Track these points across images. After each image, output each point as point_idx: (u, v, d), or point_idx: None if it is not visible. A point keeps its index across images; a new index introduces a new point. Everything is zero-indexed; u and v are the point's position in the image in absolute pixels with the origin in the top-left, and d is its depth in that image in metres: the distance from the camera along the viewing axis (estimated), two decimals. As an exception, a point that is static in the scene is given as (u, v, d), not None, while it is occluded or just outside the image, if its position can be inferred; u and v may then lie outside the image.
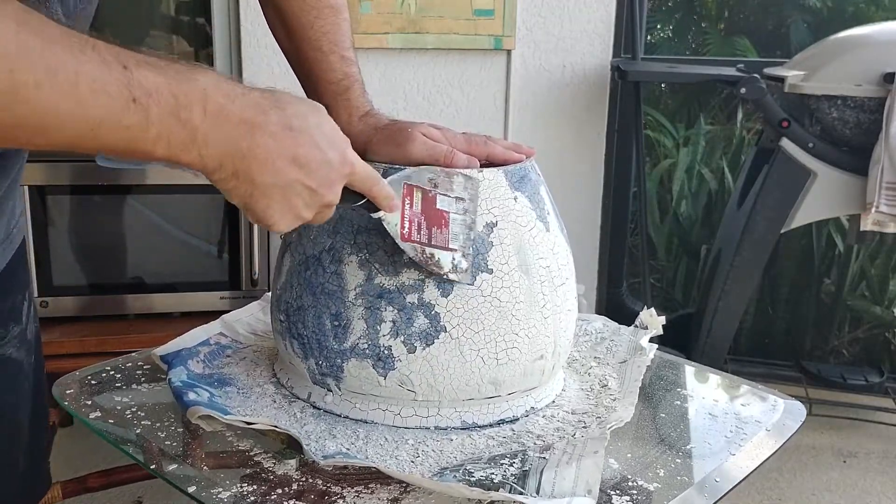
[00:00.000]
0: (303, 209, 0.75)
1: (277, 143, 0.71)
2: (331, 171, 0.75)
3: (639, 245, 2.90)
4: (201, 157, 0.68)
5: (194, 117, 0.65)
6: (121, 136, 0.63)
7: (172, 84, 0.64)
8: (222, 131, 0.68)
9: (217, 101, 0.67)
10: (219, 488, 0.78)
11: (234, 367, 1.03)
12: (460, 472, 0.80)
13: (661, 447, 0.92)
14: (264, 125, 0.70)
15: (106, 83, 0.60)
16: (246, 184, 0.71)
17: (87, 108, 0.60)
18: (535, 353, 0.91)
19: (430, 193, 0.86)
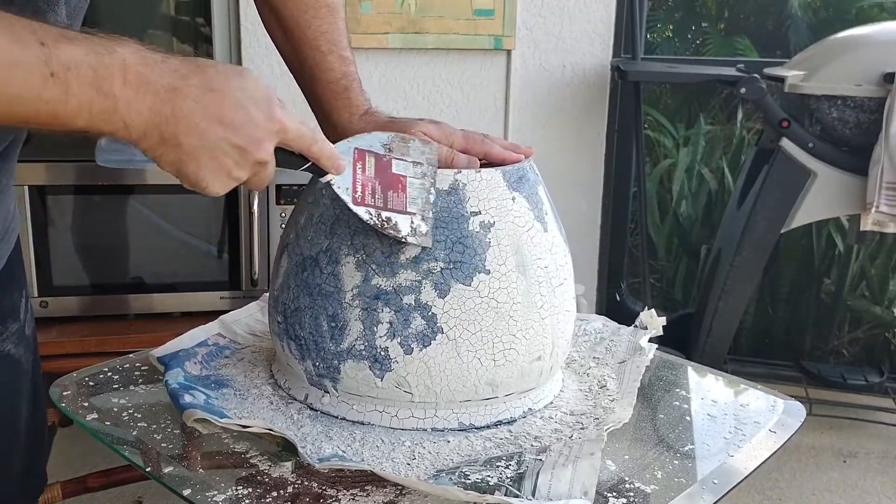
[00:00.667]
0: (234, 168, 0.76)
1: (200, 105, 0.71)
2: (256, 129, 0.75)
3: (639, 245, 2.90)
4: (126, 125, 0.69)
5: (115, 87, 0.67)
6: (40, 108, 0.65)
7: (91, 57, 0.66)
8: (144, 99, 0.69)
9: (136, 70, 0.68)
10: (214, 491, 0.78)
11: (231, 368, 1.03)
12: (456, 475, 0.80)
13: (659, 448, 0.91)
14: (185, 89, 0.71)
15: (22, 60, 0.62)
16: (173, 148, 0.72)
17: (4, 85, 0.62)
18: (533, 355, 0.91)
19: (385, 158, 0.85)
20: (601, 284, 2.92)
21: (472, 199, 0.88)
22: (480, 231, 0.87)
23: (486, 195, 0.89)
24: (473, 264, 0.87)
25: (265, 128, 0.76)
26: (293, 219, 0.96)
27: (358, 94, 1.03)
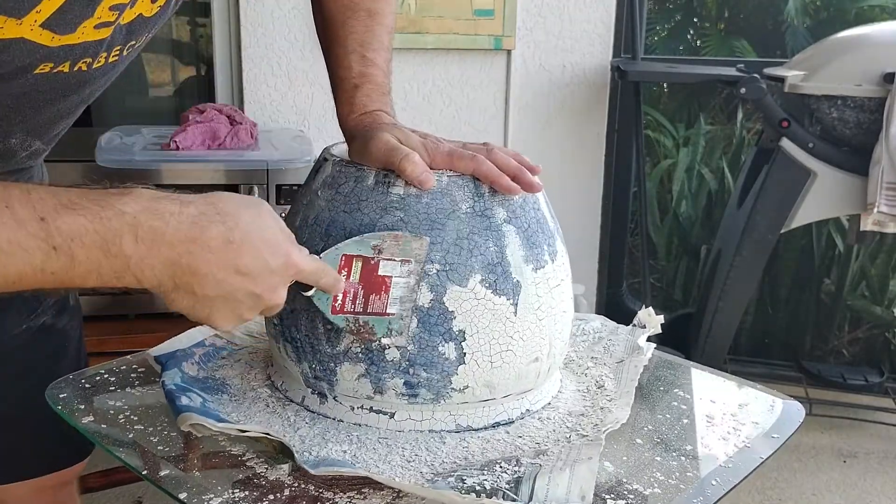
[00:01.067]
0: (246, 312, 0.77)
1: (218, 256, 0.71)
2: (272, 276, 0.76)
3: (639, 245, 2.90)
4: (138, 280, 0.69)
5: (125, 247, 0.67)
6: (46, 279, 0.65)
7: (95, 223, 0.66)
8: (159, 254, 0.69)
9: (149, 226, 0.68)
10: (210, 494, 0.78)
11: (228, 370, 1.03)
12: (453, 479, 0.80)
13: (658, 449, 0.91)
14: (204, 241, 0.71)
15: (21, 241, 0.63)
16: (188, 295, 0.72)
17: (5, 266, 0.63)
18: (530, 356, 0.90)
19: (373, 261, 0.85)
20: (601, 284, 2.92)
21: (469, 201, 0.88)
22: (476, 233, 0.87)
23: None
24: (469, 266, 0.86)
25: (282, 275, 0.77)
26: (288, 220, 0.96)
27: (366, 94, 1.01)
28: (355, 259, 0.84)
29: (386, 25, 1.06)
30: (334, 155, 0.95)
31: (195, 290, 0.72)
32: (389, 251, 0.85)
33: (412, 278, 0.85)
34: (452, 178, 0.89)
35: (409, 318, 0.86)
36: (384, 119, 0.98)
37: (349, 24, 1.03)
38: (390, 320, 0.85)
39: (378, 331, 0.85)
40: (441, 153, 0.90)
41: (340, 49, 1.03)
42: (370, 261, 0.84)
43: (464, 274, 0.86)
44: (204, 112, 2.20)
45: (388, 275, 0.85)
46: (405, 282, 0.85)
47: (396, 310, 0.85)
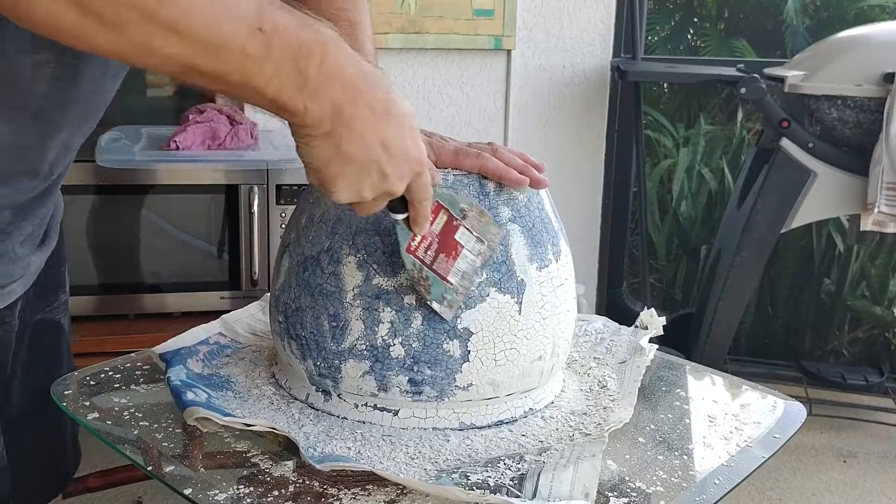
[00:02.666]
0: (367, 190, 0.75)
1: (375, 118, 0.71)
2: (406, 164, 0.75)
3: (639, 245, 2.90)
4: (306, 107, 0.68)
5: (311, 67, 0.66)
6: (239, 63, 0.64)
7: (298, 28, 0.65)
8: (332, 89, 0.68)
9: (335, 57, 0.68)
10: (215, 490, 0.78)
11: (232, 367, 1.03)
12: (457, 475, 0.80)
13: (660, 448, 0.91)
14: (371, 97, 0.70)
15: (239, 4, 0.62)
16: (332, 147, 0.71)
17: (220, 22, 0.61)
18: (534, 354, 0.91)
19: (455, 222, 0.85)
20: (601, 284, 2.92)
21: (475, 200, 0.88)
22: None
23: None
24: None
25: (412, 164, 0.76)
26: (294, 219, 0.96)
27: None
28: (443, 210, 0.85)
29: (368, 34, 1.06)
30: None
31: (342, 143, 0.71)
32: (471, 222, 0.85)
33: (479, 259, 0.86)
34: (458, 177, 0.89)
35: (461, 296, 0.86)
36: None
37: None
38: (447, 288, 0.85)
39: (434, 291, 0.85)
40: (447, 151, 0.91)
41: None
42: (454, 220, 0.85)
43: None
44: (204, 112, 2.20)
45: (462, 243, 0.85)
46: (472, 259, 0.86)
47: (455, 281, 0.85)
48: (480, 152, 0.90)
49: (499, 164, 0.89)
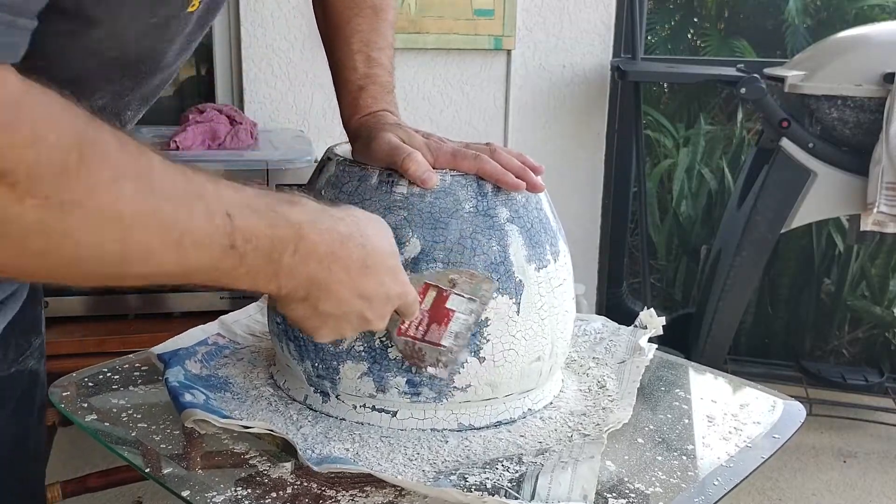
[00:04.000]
0: (349, 332, 0.78)
1: (351, 278, 0.72)
2: (386, 304, 0.77)
3: (639, 245, 2.90)
4: (279, 287, 0.69)
5: (284, 257, 0.67)
6: (211, 276, 0.64)
7: (269, 229, 0.65)
8: (307, 267, 0.69)
9: (310, 239, 0.68)
10: (213, 492, 0.78)
11: (231, 368, 1.03)
12: (455, 477, 0.80)
13: (659, 448, 0.91)
14: (345, 260, 0.71)
15: (209, 235, 0.61)
16: (309, 309, 0.72)
17: (188, 259, 0.61)
18: (532, 355, 0.91)
19: (445, 293, 0.85)
20: (601, 284, 2.92)
21: (472, 200, 0.88)
22: (479, 232, 0.87)
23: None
24: (472, 265, 0.86)
25: (393, 301, 0.78)
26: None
27: (370, 96, 1.00)
28: (431, 288, 0.85)
29: (389, 21, 1.05)
30: (338, 154, 0.95)
31: (318, 305, 0.72)
32: (461, 287, 0.85)
33: (472, 317, 0.86)
34: (456, 178, 0.89)
35: (458, 355, 0.86)
36: (388, 119, 0.98)
37: (354, 23, 1.01)
38: (440, 351, 0.86)
39: (428, 358, 0.86)
40: (444, 152, 0.91)
41: (345, 48, 1.02)
42: (443, 292, 0.85)
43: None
44: (204, 112, 2.20)
45: (454, 309, 0.85)
46: (465, 319, 0.86)
47: (449, 343, 0.86)
48: (478, 154, 0.90)
49: (496, 166, 0.89)
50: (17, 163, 0.49)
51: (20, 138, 0.48)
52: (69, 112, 0.52)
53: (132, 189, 0.55)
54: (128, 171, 0.55)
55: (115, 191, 0.54)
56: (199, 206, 0.60)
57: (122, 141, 0.56)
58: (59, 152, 0.50)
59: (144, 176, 0.57)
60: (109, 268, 0.58)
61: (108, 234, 0.55)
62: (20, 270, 0.56)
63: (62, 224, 0.52)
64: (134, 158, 0.56)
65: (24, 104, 0.49)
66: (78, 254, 0.55)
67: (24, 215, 0.50)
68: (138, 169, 0.56)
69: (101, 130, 0.54)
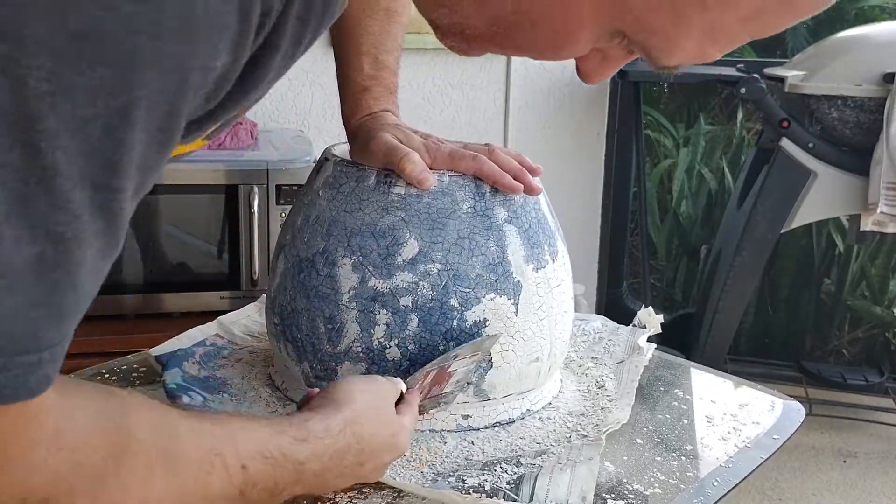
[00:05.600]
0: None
1: (346, 480, 0.74)
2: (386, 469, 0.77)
3: (639, 245, 2.90)
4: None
5: (285, 492, 0.67)
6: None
7: (277, 471, 0.66)
8: (304, 489, 0.70)
9: (310, 472, 0.68)
10: (212, 492, 0.78)
11: (229, 369, 1.03)
12: (454, 479, 0.80)
13: (658, 449, 0.91)
14: (339, 470, 0.71)
15: (224, 490, 0.61)
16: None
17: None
18: (531, 356, 0.91)
19: (449, 368, 0.85)
20: (601, 284, 2.92)
21: (470, 201, 0.88)
22: (477, 233, 0.87)
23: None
24: (470, 266, 0.86)
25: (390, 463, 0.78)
26: (290, 220, 0.96)
27: (373, 97, 1.00)
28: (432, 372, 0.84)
29: (402, 24, 1.04)
30: (335, 155, 0.95)
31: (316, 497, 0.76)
32: (463, 356, 0.85)
33: (473, 364, 0.86)
34: (453, 178, 0.89)
35: (458, 392, 0.87)
36: (388, 119, 0.98)
37: (365, 24, 1.01)
38: (444, 397, 0.86)
39: (430, 409, 0.86)
40: (442, 153, 0.90)
41: (353, 48, 1.01)
42: (446, 368, 0.84)
43: (465, 274, 0.86)
44: (204, 112, 2.19)
45: (454, 370, 0.85)
46: (465, 369, 0.86)
47: (451, 389, 0.86)
48: (477, 154, 0.90)
49: (494, 167, 0.89)
50: (58, 489, 0.49)
51: (62, 469, 0.49)
52: (102, 417, 0.53)
53: (161, 475, 0.56)
54: (156, 455, 0.56)
55: (147, 483, 0.55)
56: (218, 464, 0.61)
57: (148, 418, 0.56)
58: (96, 469, 0.51)
59: (171, 452, 0.57)
60: None
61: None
62: None
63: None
64: (160, 434, 0.57)
65: (60, 435, 0.49)
66: None
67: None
68: (165, 446, 0.57)
69: (130, 418, 0.55)
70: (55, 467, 0.49)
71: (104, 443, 0.52)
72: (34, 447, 0.47)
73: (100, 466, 0.52)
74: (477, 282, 0.87)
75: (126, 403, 0.55)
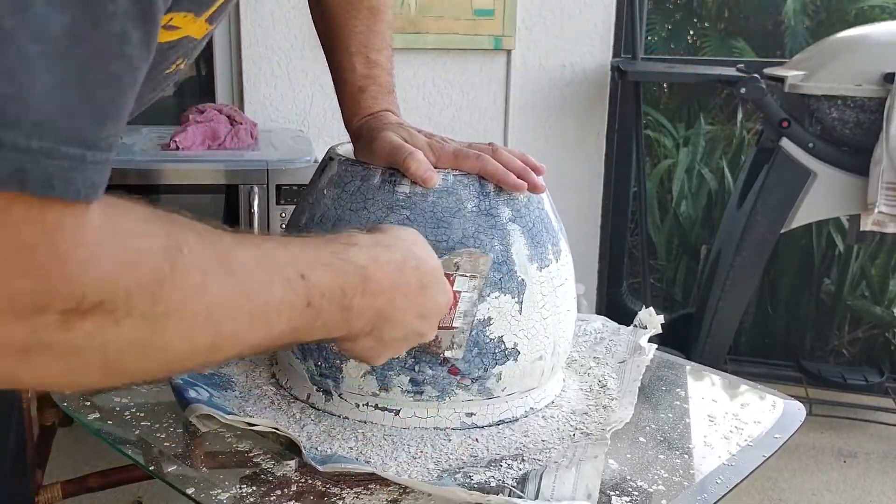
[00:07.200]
0: (404, 349, 0.78)
1: (411, 302, 0.72)
2: (438, 315, 0.78)
3: (639, 245, 2.90)
4: (349, 329, 0.68)
5: (354, 301, 0.66)
6: (290, 338, 0.63)
7: (340, 278, 0.65)
8: (373, 304, 0.69)
9: (375, 278, 0.68)
10: (218, 489, 0.78)
11: (234, 367, 1.03)
12: (459, 475, 0.80)
13: (661, 447, 0.91)
14: (405, 287, 0.71)
15: (290, 303, 0.61)
16: (373, 341, 0.72)
17: (273, 329, 0.61)
18: (534, 354, 0.91)
19: (451, 277, 0.85)
20: (601, 284, 2.93)
21: (475, 200, 0.88)
22: (482, 231, 0.88)
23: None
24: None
25: (443, 310, 0.78)
26: (294, 219, 0.96)
27: (371, 97, 1.01)
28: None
29: (387, 21, 1.05)
30: (340, 154, 0.95)
31: (383, 335, 0.72)
32: (464, 267, 0.85)
33: (475, 294, 0.86)
34: (458, 177, 0.89)
35: (467, 332, 0.86)
36: (390, 119, 0.98)
37: (351, 25, 1.02)
38: (454, 333, 0.86)
39: (444, 344, 0.86)
40: (446, 152, 0.91)
41: (344, 51, 1.02)
42: (449, 277, 0.84)
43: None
44: (204, 112, 2.20)
45: (459, 290, 0.85)
46: (469, 296, 0.86)
47: (460, 324, 0.86)
48: (480, 154, 0.90)
49: (497, 166, 0.89)
50: (114, 291, 0.48)
51: (113, 269, 0.48)
52: (152, 224, 0.52)
53: (218, 282, 0.55)
54: (211, 264, 0.55)
55: (205, 289, 0.54)
56: (276, 275, 0.60)
57: (199, 232, 0.55)
58: (151, 270, 0.50)
59: (226, 263, 0.56)
60: (197, 361, 0.57)
61: (200, 334, 0.55)
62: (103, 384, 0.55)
63: (159, 338, 0.52)
64: (213, 247, 0.56)
65: (108, 236, 0.48)
66: (168, 359, 0.54)
67: (122, 336, 0.50)
68: (219, 257, 0.56)
69: (180, 230, 0.54)
70: (107, 268, 0.48)
71: (157, 243, 0.51)
72: (83, 245, 0.46)
73: (154, 269, 0.50)
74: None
75: (173, 216, 0.54)
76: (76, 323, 0.47)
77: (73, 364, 0.49)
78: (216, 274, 0.55)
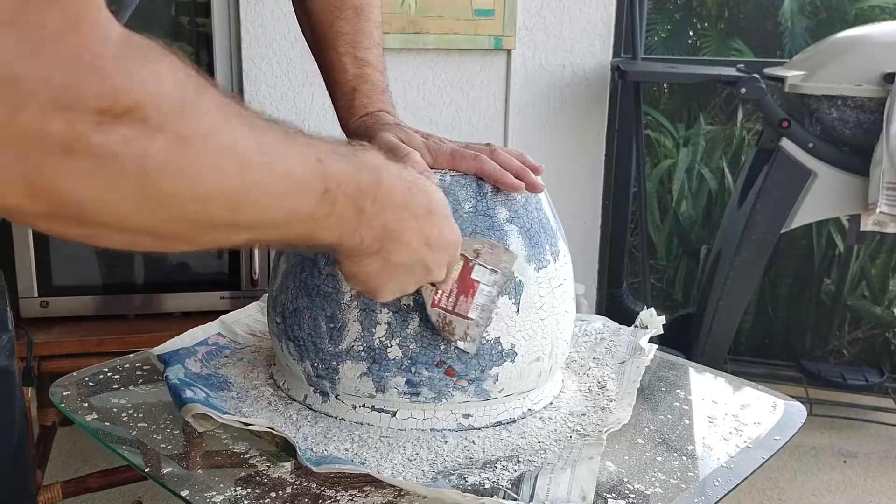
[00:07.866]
0: (411, 285, 0.77)
1: (419, 225, 0.72)
2: (445, 252, 0.77)
3: (639, 245, 2.90)
4: (361, 239, 0.68)
5: (367, 204, 0.66)
6: (304, 227, 0.63)
7: (355, 173, 0.64)
8: (383, 216, 0.68)
9: (387, 185, 0.67)
10: (213, 491, 0.78)
11: (231, 368, 1.03)
12: (454, 477, 0.80)
13: (659, 448, 0.91)
14: (414, 207, 0.71)
15: (308, 178, 0.60)
16: (380, 262, 0.71)
17: (293, 203, 0.60)
18: (532, 355, 0.91)
19: (470, 263, 0.85)
20: (601, 284, 2.92)
21: (472, 201, 0.88)
22: (479, 232, 0.87)
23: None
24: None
25: (450, 250, 0.78)
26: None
27: (364, 96, 1.01)
28: (460, 257, 0.85)
29: (374, 20, 1.04)
30: (337, 154, 0.95)
31: (390, 257, 0.71)
32: (484, 257, 0.85)
33: (495, 289, 0.86)
34: (455, 178, 0.89)
35: (483, 328, 0.86)
36: (387, 119, 0.98)
37: (337, 25, 1.02)
38: (468, 325, 0.85)
39: (457, 332, 0.85)
40: (444, 153, 0.91)
41: (332, 52, 1.02)
42: (469, 262, 0.85)
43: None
44: (204, 112, 2.20)
45: (478, 280, 0.85)
46: (489, 291, 0.86)
47: (475, 316, 0.86)
48: (478, 154, 0.90)
49: (495, 167, 0.89)
50: (144, 96, 0.48)
51: (143, 73, 0.48)
52: (170, 51, 0.52)
53: (241, 126, 0.55)
54: (232, 110, 0.55)
55: (230, 126, 0.54)
56: (294, 149, 0.60)
57: (219, 91, 0.55)
58: (177, 87, 0.50)
59: (245, 116, 0.56)
60: (226, 212, 0.56)
61: (227, 170, 0.54)
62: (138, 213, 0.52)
63: (191, 162, 0.51)
64: (233, 103, 0.56)
65: (132, 46, 0.48)
66: (198, 195, 0.53)
67: (157, 151, 0.49)
68: (241, 114, 0.56)
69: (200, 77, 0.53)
70: (134, 69, 0.47)
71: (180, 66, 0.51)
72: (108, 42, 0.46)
73: (181, 88, 0.50)
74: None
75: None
76: (111, 126, 0.47)
77: (111, 174, 0.48)
78: (237, 118, 0.55)
